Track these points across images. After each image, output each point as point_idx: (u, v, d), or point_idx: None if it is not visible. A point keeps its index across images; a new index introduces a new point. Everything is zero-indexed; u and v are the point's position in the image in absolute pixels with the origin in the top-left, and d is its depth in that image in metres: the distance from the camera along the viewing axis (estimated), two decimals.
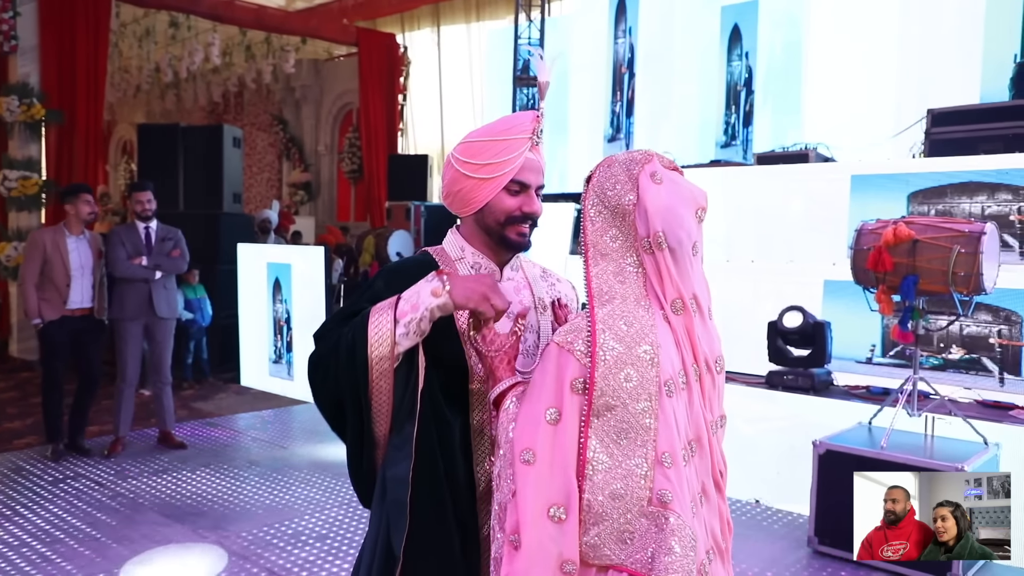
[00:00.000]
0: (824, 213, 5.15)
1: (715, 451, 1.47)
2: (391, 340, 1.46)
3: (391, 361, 1.46)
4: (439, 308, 1.47)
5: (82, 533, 3.89)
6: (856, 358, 5.00)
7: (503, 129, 1.64)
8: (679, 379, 1.40)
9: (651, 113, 7.78)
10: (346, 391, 1.49)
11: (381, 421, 1.51)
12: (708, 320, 1.47)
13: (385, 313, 1.48)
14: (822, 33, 6.72)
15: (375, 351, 1.45)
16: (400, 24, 12.12)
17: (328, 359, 1.52)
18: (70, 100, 8.68)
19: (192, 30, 10.32)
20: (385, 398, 1.49)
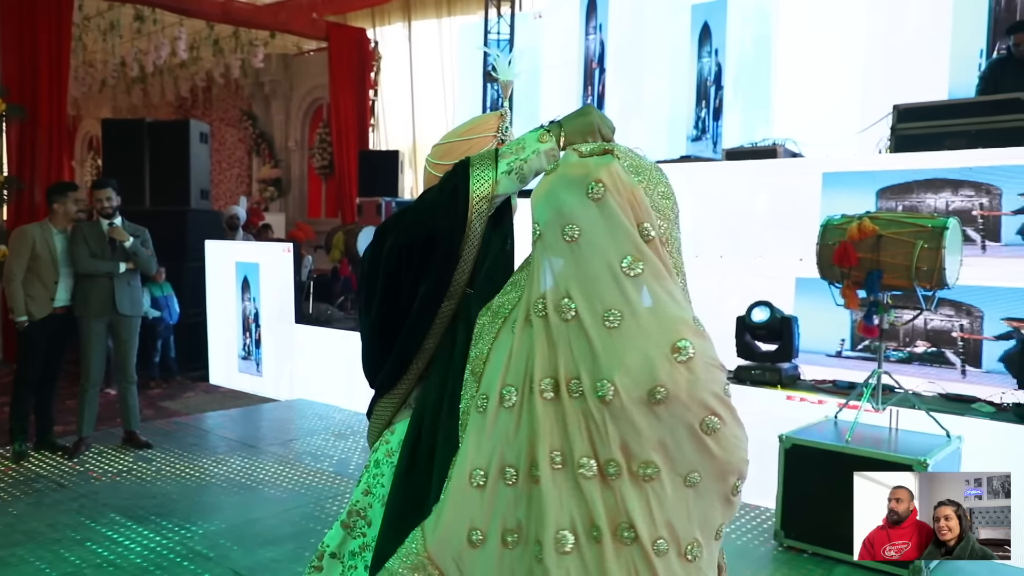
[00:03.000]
0: (793, 209, 5.19)
1: (594, 496, 1.27)
2: (493, 178, 1.47)
3: (489, 203, 1.48)
4: (547, 154, 1.48)
5: (43, 535, 3.81)
6: (826, 352, 5.05)
7: (468, 129, 1.66)
8: (509, 393, 1.32)
9: (622, 108, 7.80)
10: (444, 236, 1.48)
11: (464, 269, 1.52)
12: (599, 330, 1.28)
13: (487, 159, 1.50)
14: (792, 28, 6.77)
15: (477, 192, 1.47)
16: (371, 19, 12.01)
17: (423, 210, 1.53)
18: (32, 95, 8.50)
19: (158, 24, 10.13)
20: (476, 242, 1.50)
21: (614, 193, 1.28)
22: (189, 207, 7.98)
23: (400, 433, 1.62)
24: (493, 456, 1.33)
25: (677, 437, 1.26)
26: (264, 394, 7.19)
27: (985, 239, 4.40)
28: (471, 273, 1.52)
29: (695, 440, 1.26)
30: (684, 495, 1.27)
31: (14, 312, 4.92)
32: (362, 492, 1.66)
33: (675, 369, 1.24)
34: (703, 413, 1.26)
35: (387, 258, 1.53)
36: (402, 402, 1.63)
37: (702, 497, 1.29)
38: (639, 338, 1.25)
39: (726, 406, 1.29)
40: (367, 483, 1.65)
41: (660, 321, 1.25)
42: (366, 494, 1.65)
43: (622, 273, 1.26)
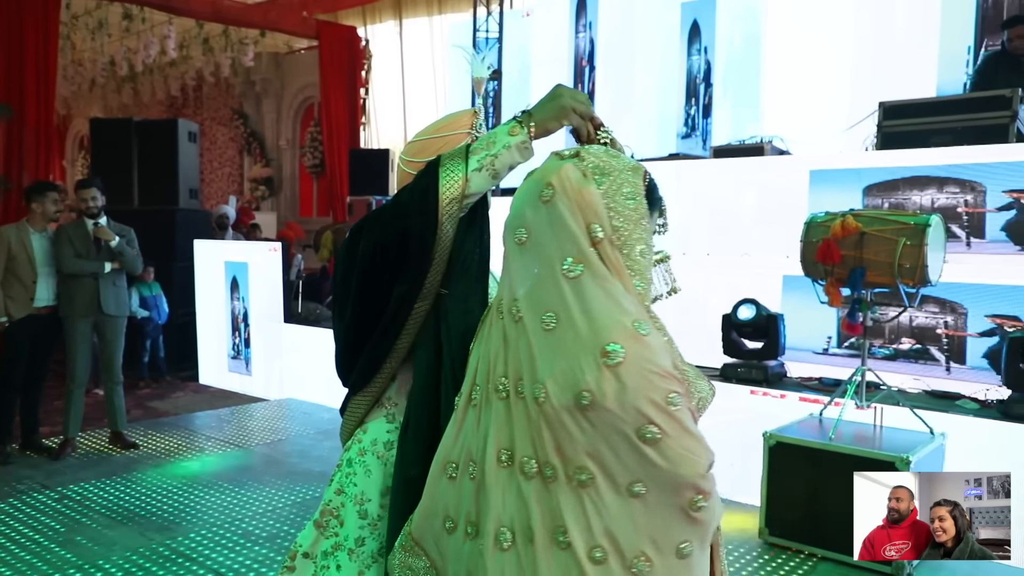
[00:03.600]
0: (780, 206, 5.19)
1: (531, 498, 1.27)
2: (463, 178, 1.43)
3: (460, 203, 1.44)
4: (518, 147, 1.44)
5: (25, 537, 3.79)
6: (813, 349, 5.05)
7: (442, 126, 1.65)
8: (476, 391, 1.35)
9: (612, 105, 7.80)
10: (415, 237, 1.46)
11: (438, 271, 1.48)
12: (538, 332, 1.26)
13: (457, 156, 1.46)
14: (781, 26, 6.76)
15: (446, 193, 1.43)
16: (362, 17, 11.97)
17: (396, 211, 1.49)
18: (19, 93, 8.46)
19: (147, 22, 10.10)
20: (446, 244, 1.47)
21: (562, 195, 1.28)
22: (178, 206, 7.96)
23: (373, 432, 1.61)
24: (463, 450, 1.36)
25: (613, 445, 1.21)
26: (253, 393, 7.17)
27: (970, 236, 4.41)
28: (445, 273, 1.50)
29: (633, 449, 1.21)
30: (629, 506, 1.21)
31: None
32: (334, 492, 1.65)
33: (602, 374, 1.20)
34: (638, 421, 1.20)
35: (362, 258, 1.52)
36: (375, 400, 1.62)
37: (652, 510, 1.22)
38: (571, 341, 1.23)
39: (667, 416, 1.21)
40: (339, 483, 1.64)
41: (592, 324, 1.22)
42: (338, 493, 1.64)
43: (562, 275, 1.24)
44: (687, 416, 1.23)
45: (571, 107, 1.42)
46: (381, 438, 1.60)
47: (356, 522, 1.58)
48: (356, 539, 1.57)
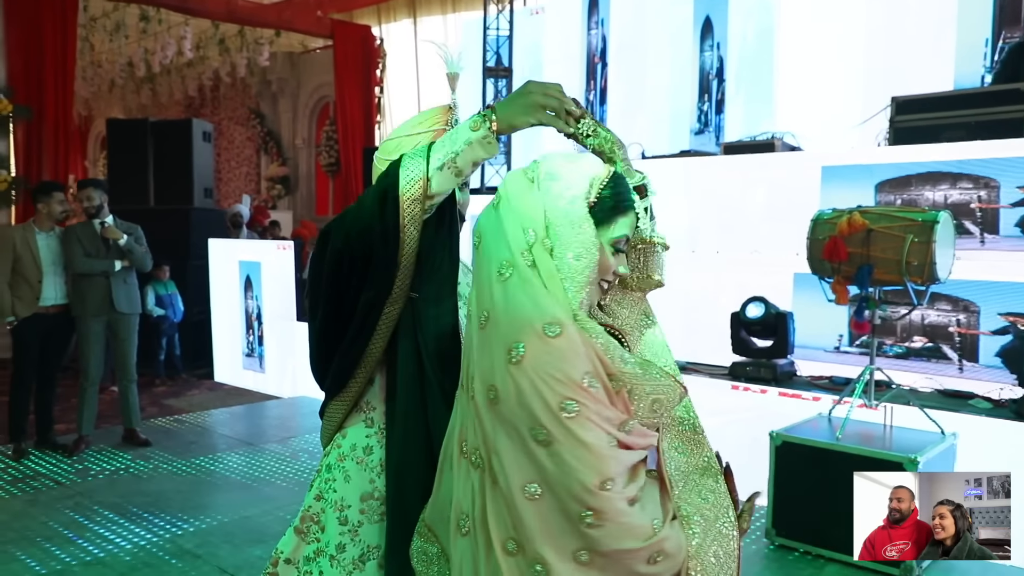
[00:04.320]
0: (791, 203, 5.13)
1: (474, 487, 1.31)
2: (423, 178, 1.38)
3: (422, 204, 1.39)
4: (480, 142, 1.37)
5: (36, 532, 3.84)
6: (824, 347, 5.00)
7: (417, 124, 1.64)
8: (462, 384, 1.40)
9: (624, 102, 7.76)
10: (378, 242, 1.41)
11: (405, 274, 1.44)
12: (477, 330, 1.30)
13: (418, 156, 1.41)
14: (794, 20, 6.69)
15: (406, 194, 1.38)
16: (376, 16, 12.01)
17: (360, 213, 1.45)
18: (38, 95, 8.58)
19: (163, 24, 10.19)
20: (411, 247, 1.42)
21: (505, 201, 1.30)
22: (192, 205, 8.03)
23: (352, 437, 1.59)
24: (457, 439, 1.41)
25: (513, 442, 1.22)
26: (267, 391, 7.22)
27: (984, 232, 4.34)
28: (413, 276, 1.46)
29: (527, 450, 1.20)
30: (526, 506, 1.21)
31: (0, 312, 4.97)
32: (314, 497, 1.63)
33: (506, 372, 1.21)
34: (531, 422, 1.19)
35: (328, 261, 1.50)
36: (353, 404, 1.60)
37: (546, 515, 1.20)
38: (493, 339, 1.25)
39: (557, 422, 1.17)
40: (319, 488, 1.63)
41: (508, 323, 1.23)
42: (318, 499, 1.62)
43: (496, 276, 1.26)
44: (582, 425, 1.19)
45: (539, 104, 1.34)
46: (360, 443, 1.59)
47: (336, 528, 1.57)
48: (337, 545, 1.56)
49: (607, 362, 1.23)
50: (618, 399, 1.24)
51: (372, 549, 1.54)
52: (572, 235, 1.28)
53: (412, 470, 1.48)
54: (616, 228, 1.32)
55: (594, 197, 1.30)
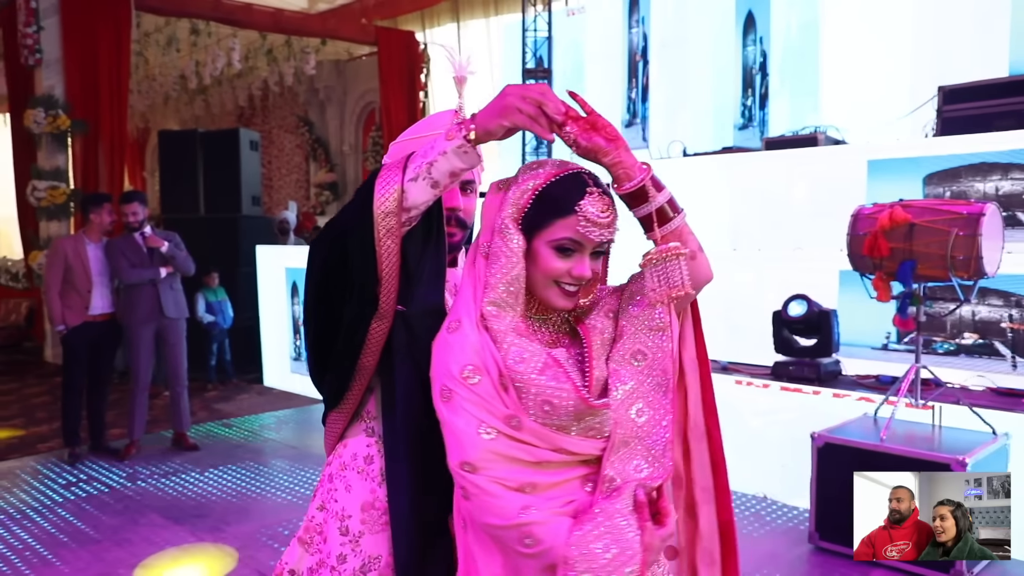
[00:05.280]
0: (836, 198, 5.00)
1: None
2: (399, 190, 1.33)
3: (398, 217, 1.34)
4: (456, 151, 1.31)
5: (85, 536, 3.96)
6: (872, 345, 4.85)
7: (423, 127, 1.62)
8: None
9: (667, 99, 7.67)
10: (356, 256, 1.38)
11: (389, 288, 1.40)
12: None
13: (396, 167, 1.37)
14: (839, 9, 6.52)
15: (380, 206, 1.34)
16: (420, 21, 12.11)
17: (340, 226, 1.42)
18: (94, 110, 8.87)
19: (213, 36, 10.44)
20: (392, 261, 1.37)
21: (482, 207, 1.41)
22: (241, 213, 8.19)
23: (353, 447, 1.58)
24: None
25: None
26: (315, 395, 7.31)
27: None
28: (399, 290, 1.41)
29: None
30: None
31: (52, 321, 5.14)
32: (317, 508, 1.62)
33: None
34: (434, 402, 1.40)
35: (317, 270, 1.48)
36: (351, 415, 1.57)
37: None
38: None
39: (440, 405, 1.34)
40: (322, 498, 1.61)
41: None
42: (320, 509, 1.61)
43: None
44: (454, 411, 1.30)
45: (514, 107, 1.26)
46: (361, 452, 1.57)
47: (338, 539, 1.55)
48: (338, 556, 1.54)
49: (497, 358, 1.30)
50: (507, 395, 1.29)
51: (373, 560, 1.52)
52: (501, 240, 1.33)
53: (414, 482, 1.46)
54: (555, 230, 1.30)
55: (527, 200, 1.32)
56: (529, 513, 1.26)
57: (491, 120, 1.29)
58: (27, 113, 8.62)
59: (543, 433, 1.30)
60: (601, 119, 1.31)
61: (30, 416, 6.72)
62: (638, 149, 7.35)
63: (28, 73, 8.80)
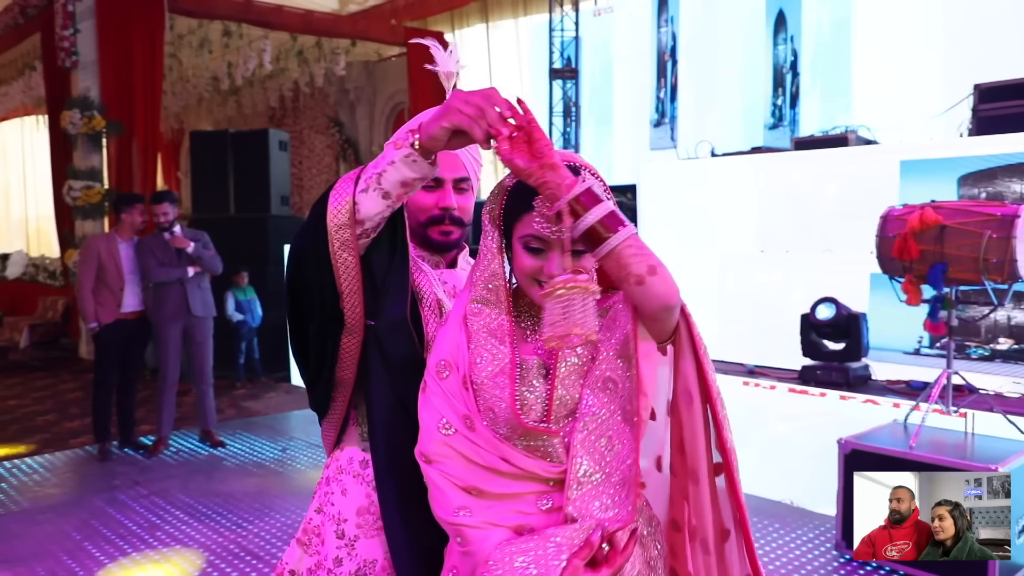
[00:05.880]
0: (867, 199, 4.90)
1: None
2: (350, 202, 1.30)
3: (352, 229, 1.32)
4: (404, 160, 1.27)
5: (111, 531, 4.01)
6: (903, 350, 4.76)
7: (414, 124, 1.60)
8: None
9: (696, 98, 7.61)
10: (312, 270, 1.36)
11: (352, 302, 1.36)
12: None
13: (348, 179, 1.34)
14: (871, 6, 6.41)
15: (333, 219, 1.31)
16: (450, 22, 12.13)
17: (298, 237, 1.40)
18: (128, 111, 9.00)
19: (244, 38, 10.54)
20: (351, 274, 1.34)
21: None
22: (270, 213, 8.26)
23: (349, 451, 1.57)
24: None
25: None
26: None
27: None
28: (366, 303, 1.39)
29: None
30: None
31: (85, 319, 5.23)
32: (315, 510, 1.62)
33: None
34: None
35: (287, 289, 1.45)
36: (341, 423, 1.55)
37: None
38: None
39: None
40: (319, 501, 1.61)
41: None
42: (318, 512, 1.60)
43: None
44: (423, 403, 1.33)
45: (456, 107, 1.19)
46: (357, 456, 1.56)
47: (334, 542, 1.55)
48: (334, 559, 1.54)
49: (465, 357, 1.29)
50: (467, 395, 1.28)
51: (368, 564, 1.51)
52: (483, 238, 1.32)
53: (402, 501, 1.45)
54: (522, 227, 1.25)
55: (502, 197, 1.30)
56: (461, 516, 1.26)
57: (433, 124, 1.23)
58: (63, 114, 8.77)
59: (490, 439, 1.27)
60: (537, 132, 1.17)
61: (63, 411, 6.84)
62: (665, 149, 7.33)
63: (65, 75, 8.96)
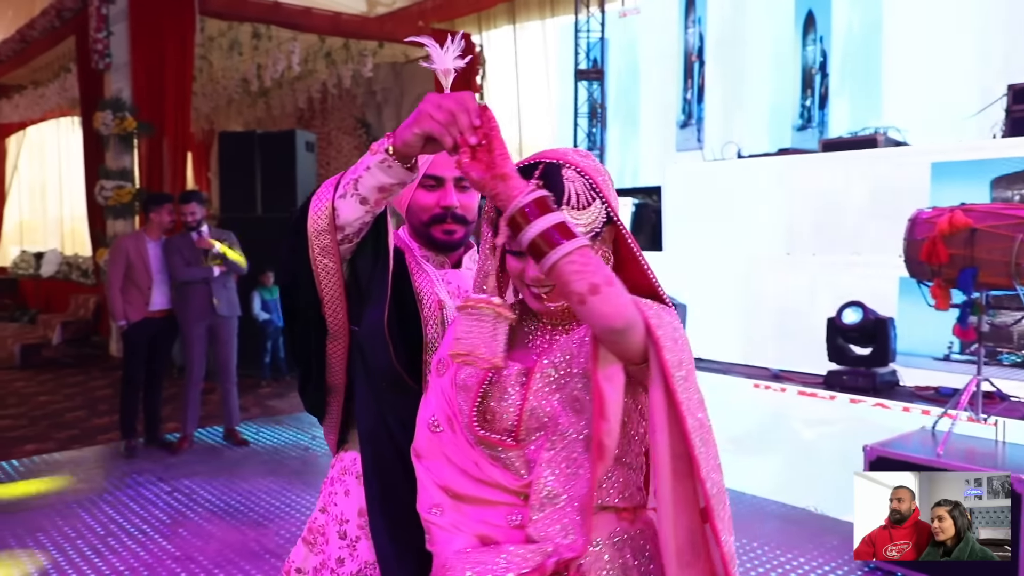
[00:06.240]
0: (898, 202, 4.82)
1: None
2: (329, 207, 1.31)
3: (332, 235, 1.32)
4: (379, 166, 1.27)
5: (134, 527, 4.05)
6: (933, 355, 4.66)
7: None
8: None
9: (723, 99, 7.54)
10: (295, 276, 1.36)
11: (333, 308, 1.37)
12: None
13: (329, 185, 1.35)
14: (903, 8, 6.30)
15: (313, 225, 1.32)
16: (477, 24, 12.16)
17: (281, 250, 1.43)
18: (159, 112, 9.12)
19: (273, 40, 10.62)
20: (332, 280, 1.35)
21: None
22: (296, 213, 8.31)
23: (352, 453, 1.57)
24: None
25: None
26: None
27: None
28: (349, 309, 1.39)
29: None
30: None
31: (114, 317, 5.30)
32: (319, 510, 1.62)
33: None
34: None
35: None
36: (339, 426, 1.57)
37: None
38: None
39: None
40: (324, 501, 1.61)
41: None
42: (322, 511, 1.61)
43: None
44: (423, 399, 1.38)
45: (427, 112, 1.17)
46: (359, 458, 1.57)
47: (337, 542, 1.56)
48: (337, 559, 1.55)
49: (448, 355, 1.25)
50: (454, 395, 1.29)
51: (369, 565, 1.51)
52: (482, 238, 1.32)
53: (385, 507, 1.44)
54: (500, 235, 1.21)
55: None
56: (433, 513, 1.28)
57: (406, 129, 1.22)
58: (96, 115, 8.91)
59: (461, 441, 1.27)
60: (496, 142, 1.14)
61: (92, 408, 6.93)
62: (692, 151, 7.27)
63: (98, 77, 9.10)
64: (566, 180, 1.20)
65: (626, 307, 1.09)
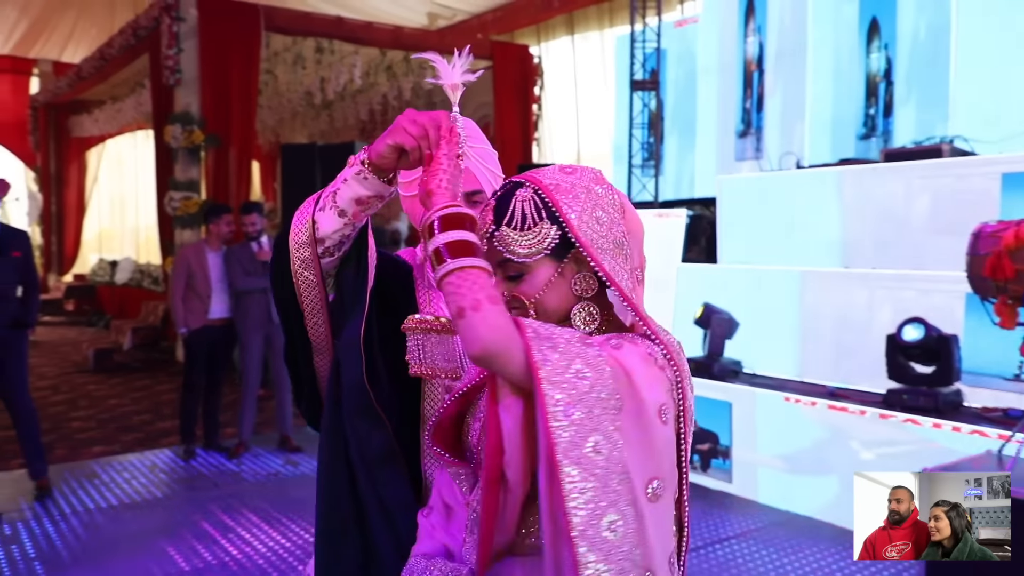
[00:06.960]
0: (965, 214, 4.63)
1: None
2: (310, 221, 1.33)
3: (312, 248, 1.34)
4: (356, 178, 1.30)
5: (187, 530, 4.16)
6: (1003, 375, 4.45)
7: None
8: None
9: (783, 110, 7.37)
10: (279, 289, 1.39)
11: (315, 321, 1.39)
12: None
13: (312, 199, 1.37)
14: (972, 13, 6.08)
15: (295, 239, 1.34)
16: (536, 35, 12.21)
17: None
18: (225, 125, 9.40)
19: (336, 54, 10.85)
20: (312, 293, 1.37)
21: None
22: None
23: None
24: None
25: None
26: None
27: None
28: (330, 324, 1.40)
29: None
30: None
31: (176, 324, 5.47)
32: None
33: None
34: None
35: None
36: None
37: None
38: None
39: None
40: None
41: None
42: None
43: None
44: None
45: (402, 126, 1.23)
46: None
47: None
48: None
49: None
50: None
51: None
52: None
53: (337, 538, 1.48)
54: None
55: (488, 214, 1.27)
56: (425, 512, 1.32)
57: (380, 142, 1.25)
58: (166, 129, 9.24)
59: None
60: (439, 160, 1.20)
61: (157, 412, 7.15)
62: (751, 160, 7.13)
63: (169, 92, 9.43)
64: (515, 200, 1.20)
65: (491, 332, 1.03)
